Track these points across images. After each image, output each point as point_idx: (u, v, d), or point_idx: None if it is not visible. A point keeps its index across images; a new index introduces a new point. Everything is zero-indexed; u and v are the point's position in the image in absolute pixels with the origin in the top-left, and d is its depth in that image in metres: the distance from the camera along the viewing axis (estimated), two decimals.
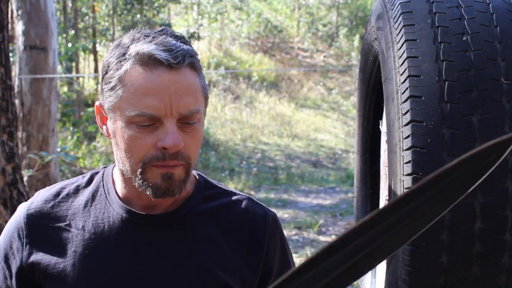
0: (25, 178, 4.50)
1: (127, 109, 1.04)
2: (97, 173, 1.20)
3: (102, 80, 1.09)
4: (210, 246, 1.15)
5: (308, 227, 6.53)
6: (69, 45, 10.94)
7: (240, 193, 1.23)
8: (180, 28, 16.07)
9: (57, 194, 1.16)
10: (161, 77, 1.03)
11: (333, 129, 13.71)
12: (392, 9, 1.32)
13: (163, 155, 1.04)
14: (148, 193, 1.08)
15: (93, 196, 1.15)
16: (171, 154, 1.04)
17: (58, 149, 6.32)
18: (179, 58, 1.03)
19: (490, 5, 1.29)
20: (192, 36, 14.59)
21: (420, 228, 0.76)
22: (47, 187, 1.20)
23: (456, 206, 1.14)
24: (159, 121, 1.03)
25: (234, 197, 1.21)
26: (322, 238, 6.23)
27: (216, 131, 11.98)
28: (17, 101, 5.84)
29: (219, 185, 1.22)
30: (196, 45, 16.09)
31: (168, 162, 1.05)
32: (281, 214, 7.20)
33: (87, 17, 12.49)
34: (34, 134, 6.05)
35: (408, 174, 1.17)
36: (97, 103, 1.12)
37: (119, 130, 1.06)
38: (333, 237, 6.29)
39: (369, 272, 1.86)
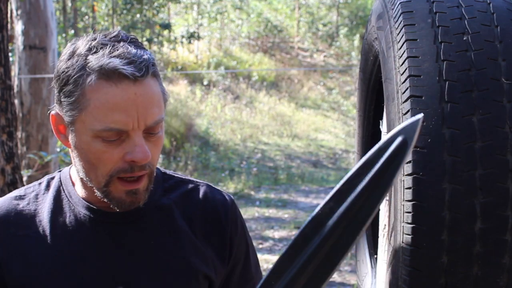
0: (24, 178, 4.50)
1: (92, 124, 1.02)
2: (52, 178, 1.18)
3: (59, 91, 1.06)
4: (180, 237, 1.15)
5: None
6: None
7: (197, 180, 1.24)
8: (180, 27, 16.07)
9: (17, 204, 1.13)
10: (127, 92, 1.00)
11: (333, 129, 13.71)
12: (393, 9, 1.32)
13: (131, 168, 1.04)
14: (112, 205, 1.07)
15: (56, 202, 1.13)
16: (139, 166, 1.04)
17: (58, 149, 6.32)
18: (143, 70, 1.01)
19: (491, 4, 1.29)
20: (192, 35, 14.59)
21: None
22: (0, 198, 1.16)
23: (457, 206, 1.14)
24: (126, 134, 1.02)
25: (192, 185, 1.22)
26: None
27: (216, 131, 11.98)
28: (16, 101, 5.84)
29: (176, 175, 1.23)
30: (196, 45, 16.09)
31: (136, 174, 1.04)
32: (281, 214, 7.20)
33: (86, 17, 12.49)
34: (34, 134, 6.05)
35: (408, 174, 1.16)
36: (53, 112, 1.09)
37: (84, 144, 1.04)
38: None
39: (370, 273, 1.86)
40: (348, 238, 0.84)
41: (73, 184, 1.15)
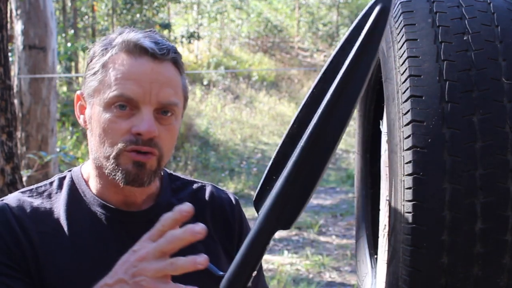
0: (24, 178, 4.50)
1: (106, 92, 1.05)
2: (64, 177, 1.17)
3: (86, 69, 1.11)
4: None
5: (309, 228, 6.53)
6: (68, 44, 10.94)
7: (201, 181, 1.27)
8: (180, 27, 16.07)
9: (31, 201, 1.12)
10: (144, 65, 1.05)
11: None
12: (393, 9, 1.32)
13: (136, 140, 1.05)
14: (117, 179, 1.07)
15: (70, 200, 1.13)
16: (145, 140, 1.05)
17: (57, 149, 6.32)
18: (164, 50, 1.06)
19: (491, 4, 1.28)
20: (192, 35, 14.58)
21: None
22: (11, 196, 1.13)
23: (457, 207, 1.14)
24: (136, 108, 1.04)
25: (198, 186, 1.25)
26: (322, 238, 6.22)
27: (216, 131, 11.97)
28: (16, 101, 5.84)
29: (181, 176, 1.26)
30: (196, 45, 16.09)
31: (141, 147, 1.05)
32: None
33: (86, 17, 12.49)
34: (33, 134, 6.05)
35: (408, 174, 1.16)
36: (78, 92, 1.13)
37: (96, 115, 1.06)
38: (333, 237, 6.29)
39: (370, 273, 1.86)
40: (345, 112, 0.89)
41: (86, 183, 1.15)
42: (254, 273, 0.93)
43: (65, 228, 1.09)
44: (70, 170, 1.19)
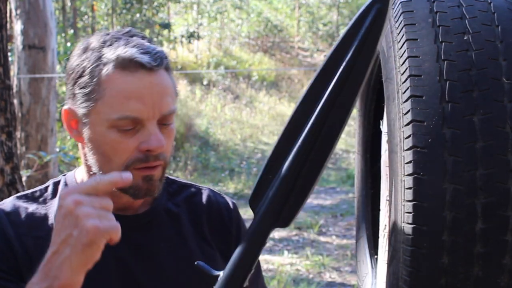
0: (23, 178, 4.50)
1: (108, 113, 1.02)
2: (58, 181, 1.17)
3: (73, 84, 1.06)
4: (187, 241, 1.16)
5: (309, 228, 6.53)
6: (68, 44, 10.93)
7: (198, 184, 1.26)
8: (179, 27, 16.07)
9: (26, 207, 1.11)
10: (142, 81, 1.02)
11: None
12: (393, 8, 1.32)
13: (146, 157, 1.04)
14: (127, 195, 1.06)
15: None
16: (154, 155, 1.04)
17: (57, 149, 6.32)
18: (158, 60, 1.03)
19: (492, 4, 1.28)
20: (191, 35, 14.59)
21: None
22: (7, 202, 1.13)
23: (457, 207, 1.14)
24: (140, 124, 1.03)
25: (194, 189, 1.24)
26: (322, 238, 6.23)
27: (216, 131, 11.97)
28: (15, 101, 5.83)
29: (177, 179, 1.24)
30: (195, 45, 16.09)
31: (151, 163, 1.04)
32: None
33: (86, 16, 12.49)
34: (33, 134, 6.05)
35: (409, 174, 1.16)
36: (65, 107, 1.09)
37: (99, 135, 1.04)
38: (333, 237, 6.29)
39: (370, 273, 1.86)
40: (344, 107, 0.93)
41: None
42: (251, 272, 0.93)
43: None
44: (65, 175, 1.18)
